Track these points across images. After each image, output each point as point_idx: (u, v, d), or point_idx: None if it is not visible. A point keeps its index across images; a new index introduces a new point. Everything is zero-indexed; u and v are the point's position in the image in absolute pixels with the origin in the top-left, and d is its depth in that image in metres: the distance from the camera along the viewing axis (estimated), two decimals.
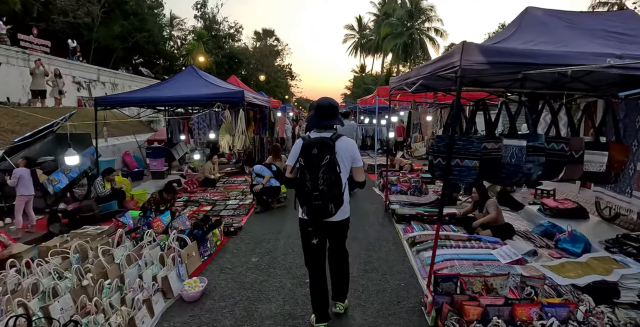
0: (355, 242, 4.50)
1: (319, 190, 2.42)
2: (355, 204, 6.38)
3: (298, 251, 4.22)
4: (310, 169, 2.43)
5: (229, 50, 36.43)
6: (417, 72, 3.85)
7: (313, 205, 2.46)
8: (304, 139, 2.53)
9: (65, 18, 20.44)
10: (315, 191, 2.42)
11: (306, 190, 2.46)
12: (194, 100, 6.46)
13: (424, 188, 7.16)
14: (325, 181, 2.41)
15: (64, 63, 15.04)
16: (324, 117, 2.60)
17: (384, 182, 7.54)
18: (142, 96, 6.67)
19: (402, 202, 5.91)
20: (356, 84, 43.66)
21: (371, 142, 15.85)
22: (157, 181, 8.79)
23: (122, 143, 10.55)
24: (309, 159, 2.43)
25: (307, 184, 2.44)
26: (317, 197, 2.43)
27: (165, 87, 7.03)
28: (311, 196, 2.44)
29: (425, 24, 38.06)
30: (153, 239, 3.95)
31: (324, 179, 2.41)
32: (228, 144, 6.34)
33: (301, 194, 2.51)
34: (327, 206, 2.45)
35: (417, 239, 4.37)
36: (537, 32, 3.65)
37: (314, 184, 2.42)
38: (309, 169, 2.43)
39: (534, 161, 2.94)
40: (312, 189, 2.43)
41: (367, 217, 5.66)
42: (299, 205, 2.59)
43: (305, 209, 2.51)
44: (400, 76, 4.90)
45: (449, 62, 2.88)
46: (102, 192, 6.15)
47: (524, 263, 3.74)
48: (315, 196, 2.43)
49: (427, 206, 5.84)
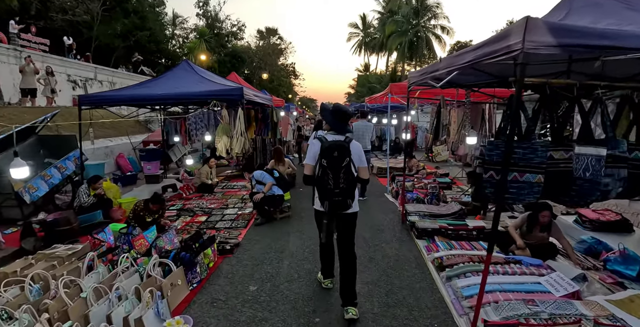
0: (372, 264, 3.82)
1: (339, 188, 2.74)
2: (367, 214, 5.73)
3: (304, 277, 3.55)
4: (332, 169, 2.72)
5: (232, 49, 35.83)
6: (449, 62, 3.16)
7: (334, 201, 2.77)
8: (321, 141, 2.77)
9: (64, 16, 19.94)
10: (336, 189, 2.74)
11: (328, 188, 2.75)
12: (188, 98, 5.80)
13: (441, 195, 6.48)
14: (345, 180, 2.74)
15: (58, 60, 14.45)
16: (343, 121, 2.91)
17: (397, 188, 6.86)
18: (131, 94, 6.02)
19: (422, 213, 5.23)
20: (360, 83, 42.90)
21: (379, 143, 15.17)
22: (152, 186, 8.15)
23: (115, 145, 9.92)
24: (331, 160, 2.72)
25: (330, 182, 2.74)
26: (338, 194, 2.75)
27: (157, 84, 6.38)
28: (333, 193, 2.75)
29: (431, 21, 37.18)
30: (132, 263, 3.29)
31: (344, 179, 2.74)
32: (225, 147, 5.68)
33: (323, 191, 2.79)
34: (346, 201, 2.79)
35: (445, 260, 3.69)
36: (596, 14, 2.96)
37: (335, 182, 2.74)
38: (331, 170, 2.72)
39: (614, 175, 2.25)
40: (334, 187, 2.74)
41: (383, 231, 4.98)
42: (318, 200, 2.86)
43: (327, 204, 2.79)
44: (423, 69, 4.21)
45: (504, 45, 2.20)
46: (86, 201, 5.52)
47: (581, 297, 3.06)
48: (336, 193, 2.75)
49: (450, 217, 5.15)
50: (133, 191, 7.74)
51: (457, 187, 7.93)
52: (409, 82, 4.66)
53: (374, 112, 16.10)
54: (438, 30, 36.81)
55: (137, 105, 7.10)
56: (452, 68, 3.07)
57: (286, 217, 5.50)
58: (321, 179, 2.76)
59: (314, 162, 2.85)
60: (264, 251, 4.25)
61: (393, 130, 15.30)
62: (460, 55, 2.94)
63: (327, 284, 3.34)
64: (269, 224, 5.23)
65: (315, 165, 2.83)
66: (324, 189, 2.78)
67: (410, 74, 4.60)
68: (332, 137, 2.83)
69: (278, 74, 40.11)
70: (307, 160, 2.91)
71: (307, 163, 2.91)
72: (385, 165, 9.86)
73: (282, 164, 6.31)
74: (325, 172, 2.73)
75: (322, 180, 2.76)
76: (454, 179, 8.30)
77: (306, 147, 10.51)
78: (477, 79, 4.31)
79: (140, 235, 3.92)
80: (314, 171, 2.85)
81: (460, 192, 7.50)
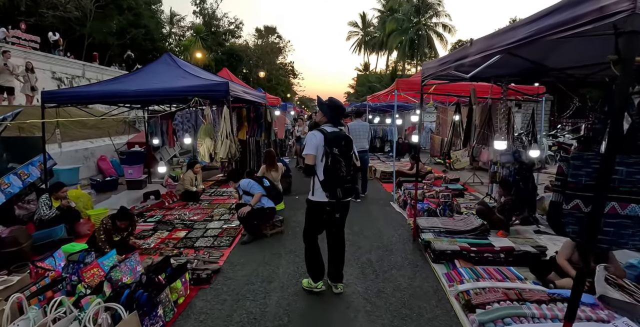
0: (381, 301, 3.06)
1: (350, 175, 2.92)
2: (373, 228, 4.97)
3: (297, 321, 2.79)
4: (344, 157, 2.87)
5: (229, 47, 35.08)
6: (487, 44, 2.40)
7: (345, 187, 2.89)
8: (323, 132, 2.89)
9: (54, 12, 19.18)
10: (348, 176, 2.90)
11: (341, 175, 2.84)
12: (166, 94, 5.04)
13: (455, 205, 5.73)
14: (351, 167, 2.95)
15: (42, 57, 13.69)
16: (340, 115, 3.07)
17: (405, 197, 6.10)
18: (102, 90, 5.25)
19: (436, 229, 4.47)
20: (360, 83, 42.05)
21: (381, 144, 14.40)
22: (133, 193, 7.40)
23: (96, 146, 9.15)
24: (342, 149, 2.86)
25: (343, 170, 2.84)
26: (348, 181, 2.91)
27: (132, 79, 5.62)
28: (345, 180, 2.87)
29: (432, 19, 36.38)
30: (69, 308, 2.53)
31: (351, 166, 2.95)
32: (209, 151, 4.92)
33: (335, 179, 2.84)
34: (353, 187, 3.01)
35: (473, 297, 2.93)
36: None
37: (347, 170, 2.88)
38: (344, 158, 2.86)
39: None
40: (347, 174, 2.88)
41: (392, 252, 4.21)
42: (323, 190, 2.88)
43: (340, 191, 2.84)
44: (444, 58, 3.46)
45: (593, 8, 1.45)
46: (47, 213, 4.76)
47: None
48: (347, 179, 2.90)
49: (470, 234, 4.40)
50: (111, 199, 6.98)
51: (469, 194, 7.18)
52: (423, 74, 3.90)
53: (376, 112, 15.34)
54: (440, 28, 36.08)
55: (110, 103, 6.32)
56: (492, 51, 2.31)
57: (278, 232, 4.74)
58: (332, 167, 2.82)
59: (316, 152, 2.89)
60: (249, 279, 3.48)
61: (396, 130, 14.56)
62: (505, 33, 2.18)
63: (320, 287, 3.20)
64: (257, 242, 4.47)
65: (321, 155, 2.87)
66: (336, 177, 2.83)
67: (425, 66, 3.84)
68: (331, 129, 2.96)
69: (276, 73, 39.34)
70: (309, 151, 2.90)
71: (308, 153, 2.91)
72: (389, 168, 9.13)
73: (274, 170, 5.56)
74: (336, 160, 2.82)
75: (334, 168, 2.82)
76: (465, 185, 7.55)
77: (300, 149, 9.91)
78: (508, 70, 3.56)
79: (95, 263, 3.15)
80: (315, 161, 2.90)
81: (474, 200, 6.75)
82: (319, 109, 3.16)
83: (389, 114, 16.16)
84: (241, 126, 7.74)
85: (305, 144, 2.97)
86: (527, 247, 3.98)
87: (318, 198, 2.94)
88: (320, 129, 2.93)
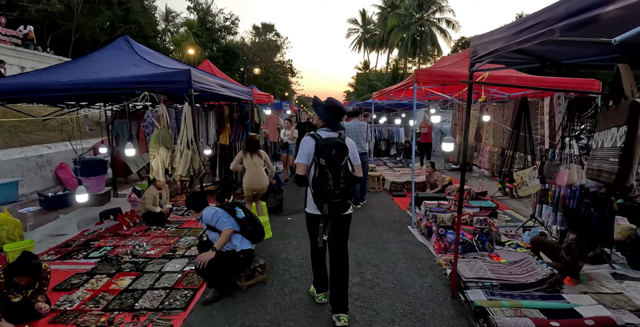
0: None
1: (340, 188, 2.54)
2: (390, 270, 3.45)
3: None
4: (332, 169, 2.52)
5: (225, 44, 33.64)
6: None
7: (334, 202, 2.56)
8: (315, 138, 2.60)
9: (36, 5, 17.82)
10: (337, 190, 2.54)
11: (328, 189, 2.53)
12: (105, 87, 3.64)
13: (494, 233, 4.37)
14: (344, 179, 2.57)
15: (11, 51, 12.31)
16: (337, 118, 2.70)
17: (429, 222, 4.71)
18: (21, 83, 3.88)
19: (487, 283, 3.09)
20: (359, 81, 40.52)
21: (386, 147, 13.03)
22: (89, 211, 6.01)
23: (55, 152, 7.76)
24: (329, 159, 2.52)
25: (330, 183, 2.53)
26: (338, 195, 2.55)
27: (71, 69, 4.23)
28: (333, 195, 2.55)
29: (436, 14, 34.84)
30: None
31: (343, 179, 2.56)
32: (163, 165, 3.55)
33: (322, 193, 2.56)
34: (346, 202, 2.62)
35: None
36: None
37: (336, 183, 2.53)
38: (330, 169, 2.52)
39: None
40: (334, 188, 2.54)
41: (424, 319, 2.82)
42: (314, 202, 2.62)
43: (327, 206, 2.56)
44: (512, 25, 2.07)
45: None
46: None
47: None
48: (336, 194, 2.55)
49: (535, 289, 3.02)
50: (57, 220, 5.61)
51: (502, 213, 5.80)
52: (476, 54, 2.53)
53: (382, 111, 13.96)
54: (443, 24, 34.55)
55: (33, 99, 4.89)
56: None
57: (259, 282, 3.35)
58: (319, 179, 2.55)
59: (307, 161, 2.65)
60: None
61: (403, 132, 13.19)
62: None
63: (321, 299, 3.04)
64: (227, 302, 3.08)
65: (310, 165, 2.64)
66: (322, 191, 2.55)
67: (481, 39, 2.47)
68: (326, 134, 2.67)
69: (274, 71, 37.90)
70: (300, 159, 2.66)
71: (299, 162, 2.66)
72: (400, 178, 7.73)
73: (257, 155, 4.36)
74: (323, 172, 2.53)
75: (320, 181, 2.55)
76: (495, 200, 6.16)
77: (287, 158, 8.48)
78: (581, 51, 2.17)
79: None
80: (307, 170, 2.67)
81: (510, 222, 5.36)
82: (315, 112, 2.79)
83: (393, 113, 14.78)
84: (223, 129, 6.35)
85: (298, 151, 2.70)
86: (629, 317, 2.61)
87: (311, 210, 2.72)
88: (313, 135, 2.64)
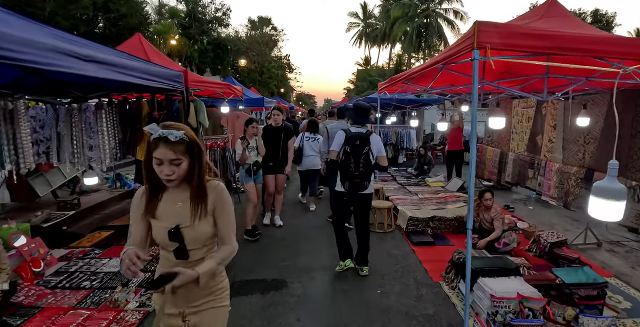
0: None
1: (359, 171, 3.36)
2: None
3: None
4: (354, 156, 3.36)
5: (217, 37, 31.23)
6: None
7: (354, 182, 3.39)
8: (346, 133, 3.42)
9: None
10: (357, 172, 3.37)
11: (350, 170, 3.37)
12: None
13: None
14: (364, 165, 3.37)
15: None
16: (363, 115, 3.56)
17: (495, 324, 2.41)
18: None
19: None
20: (360, 78, 38.14)
21: (394, 154, 10.55)
22: None
23: None
24: (353, 148, 3.37)
25: (352, 166, 3.36)
26: (357, 176, 3.37)
27: None
28: (353, 175, 3.38)
29: (443, 5, 32.25)
30: None
31: (363, 164, 3.36)
32: None
33: (345, 173, 3.41)
34: (363, 183, 3.40)
35: None
36: None
37: (356, 166, 3.36)
38: (353, 156, 3.36)
39: None
40: (355, 170, 3.37)
41: None
42: (340, 181, 3.49)
43: (348, 184, 3.41)
44: None
45: None
46: None
47: None
48: (356, 175, 3.37)
49: None
50: None
51: None
52: None
53: (390, 108, 11.62)
54: (451, 15, 31.97)
55: None
56: None
57: None
58: (345, 163, 3.38)
59: (339, 149, 3.42)
60: None
61: (414, 134, 10.80)
62: None
63: (348, 264, 3.70)
64: None
65: (340, 152, 3.41)
66: (346, 172, 3.38)
67: None
68: (356, 129, 3.46)
69: (269, 66, 35.46)
70: (334, 148, 3.46)
71: (333, 150, 3.48)
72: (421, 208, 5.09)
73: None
74: (348, 157, 3.36)
75: (345, 164, 3.37)
76: (582, 257, 3.87)
77: (251, 188, 5.22)
78: None
79: None
80: (338, 156, 3.43)
81: (630, 310, 3.06)
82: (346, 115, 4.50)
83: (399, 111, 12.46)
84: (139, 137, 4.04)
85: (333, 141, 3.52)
86: None
87: (338, 188, 3.53)
88: (346, 130, 3.45)
